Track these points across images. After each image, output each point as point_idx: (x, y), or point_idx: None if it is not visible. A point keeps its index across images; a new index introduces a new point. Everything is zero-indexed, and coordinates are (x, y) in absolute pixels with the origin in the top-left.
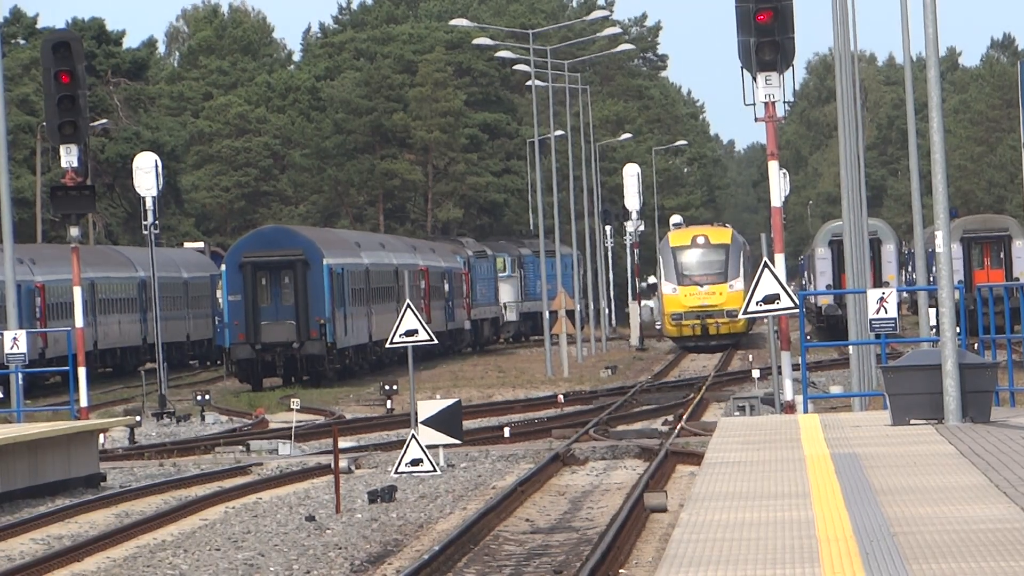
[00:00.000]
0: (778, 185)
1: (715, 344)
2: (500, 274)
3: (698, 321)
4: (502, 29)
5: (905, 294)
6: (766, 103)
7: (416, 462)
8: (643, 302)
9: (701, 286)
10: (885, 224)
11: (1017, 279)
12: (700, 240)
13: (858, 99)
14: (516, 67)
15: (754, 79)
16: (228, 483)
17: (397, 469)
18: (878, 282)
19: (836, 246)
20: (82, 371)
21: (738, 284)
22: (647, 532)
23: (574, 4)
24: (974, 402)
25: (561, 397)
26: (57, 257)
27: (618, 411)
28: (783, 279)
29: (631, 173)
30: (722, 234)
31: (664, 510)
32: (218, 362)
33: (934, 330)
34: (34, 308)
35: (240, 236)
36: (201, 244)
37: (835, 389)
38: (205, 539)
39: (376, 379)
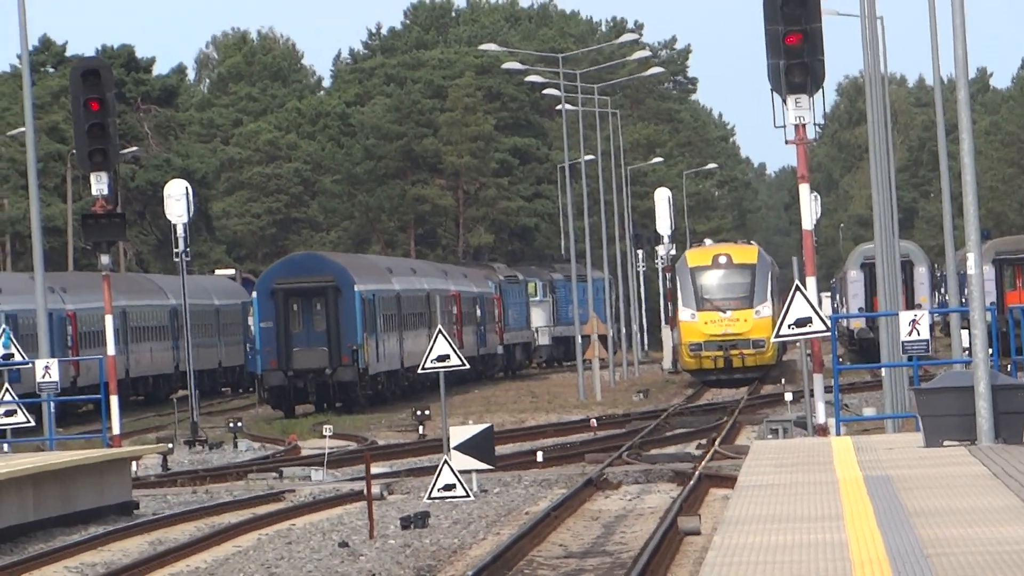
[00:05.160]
0: (809, 208)
1: (739, 378)
2: (532, 299)
3: (720, 352)
4: (531, 53)
5: (937, 316)
6: (796, 125)
7: (449, 487)
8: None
9: (723, 312)
10: (917, 246)
11: None
12: (722, 260)
13: (889, 121)
14: (546, 91)
15: (784, 101)
16: (261, 510)
17: (430, 495)
18: (910, 304)
19: (868, 269)
20: (114, 399)
21: (765, 310)
22: (681, 556)
23: (603, 28)
24: (1007, 423)
25: (594, 421)
26: (88, 285)
27: (651, 435)
28: (815, 302)
29: (662, 197)
30: (747, 253)
31: (698, 533)
32: (250, 389)
33: (966, 352)
34: (66, 336)
35: (271, 263)
36: (232, 271)
37: (868, 411)
38: (238, 566)
39: (408, 405)
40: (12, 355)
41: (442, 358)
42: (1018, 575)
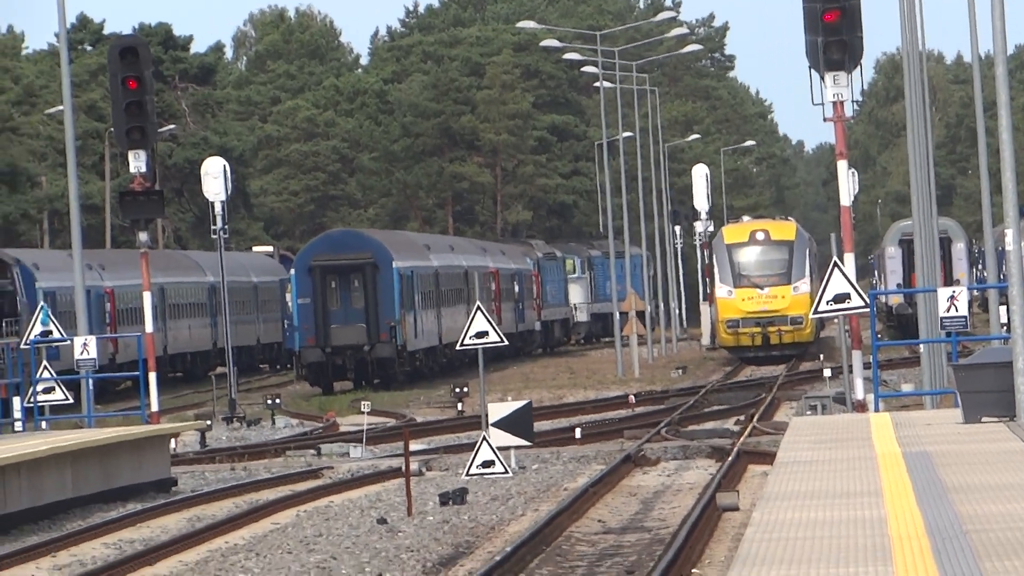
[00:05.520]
0: (847, 184)
1: (777, 355)
2: (570, 275)
3: (758, 329)
4: (569, 31)
5: (976, 292)
6: (834, 103)
7: (487, 464)
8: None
9: (761, 288)
10: (955, 223)
11: None
12: (760, 236)
13: (926, 98)
14: (584, 69)
15: (822, 79)
16: (299, 486)
17: (468, 471)
18: (948, 281)
19: (906, 245)
20: (152, 376)
21: (803, 286)
22: (719, 532)
23: (641, 5)
24: None
25: (632, 398)
26: (126, 262)
27: (689, 411)
28: (853, 278)
29: (700, 174)
30: (785, 229)
31: (736, 509)
32: (288, 366)
33: (1005, 328)
34: (104, 313)
35: (309, 240)
36: (270, 248)
37: (906, 387)
38: (277, 542)
39: (447, 381)
40: (50, 332)
41: (480, 334)
42: None
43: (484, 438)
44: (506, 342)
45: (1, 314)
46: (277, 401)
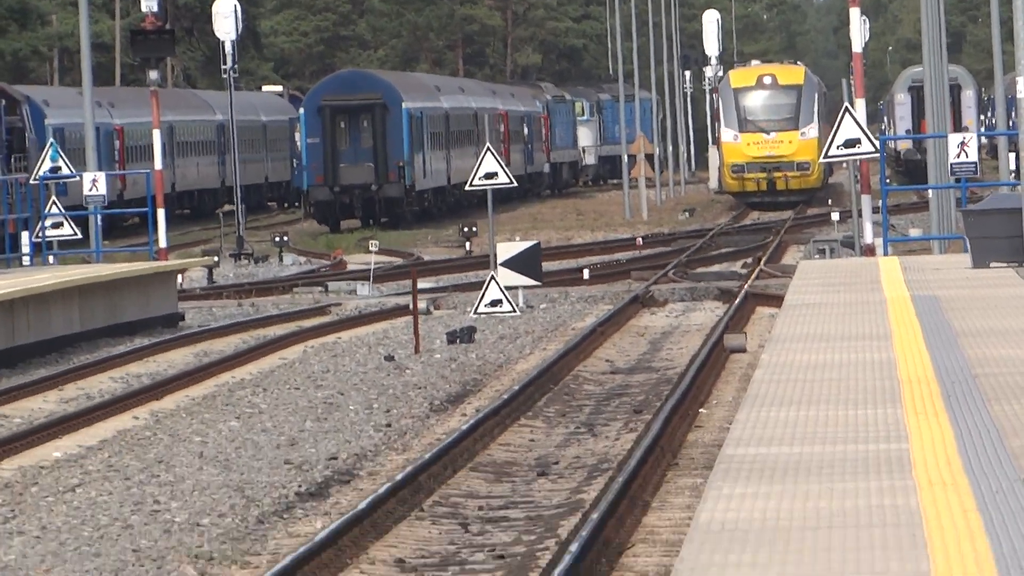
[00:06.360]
0: (859, 31)
1: (783, 201)
2: (579, 118)
3: (763, 174)
4: None
5: (984, 139)
6: None
7: (495, 303)
8: None
9: (767, 133)
10: (964, 70)
11: None
12: (767, 80)
13: None
14: None
15: None
16: (307, 323)
17: (476, 310)
18: (957, 128)
19: (916, 92)
20: (161, 212)
21: (811, 131)
22: (727, 373)
23: None
24: None
25: (640, 240)
26: (136, 100)
27: (697, 253)
28: (864, 124)
29: (710, 19)
30: (793, 73)
31: (744, 351)
32: (296, 204)
33: (1014, 174)
34: (113, 150)
35: (318, 81)
36: (280, 88)
37: (914, 232)
38: (284, 378)
39: (454, 221)
40: (59, 168)
41: (490, 176)
42: None
43: (492, 277)
44: (515, 183)
45: (10, 150)
46: (285, 239)
